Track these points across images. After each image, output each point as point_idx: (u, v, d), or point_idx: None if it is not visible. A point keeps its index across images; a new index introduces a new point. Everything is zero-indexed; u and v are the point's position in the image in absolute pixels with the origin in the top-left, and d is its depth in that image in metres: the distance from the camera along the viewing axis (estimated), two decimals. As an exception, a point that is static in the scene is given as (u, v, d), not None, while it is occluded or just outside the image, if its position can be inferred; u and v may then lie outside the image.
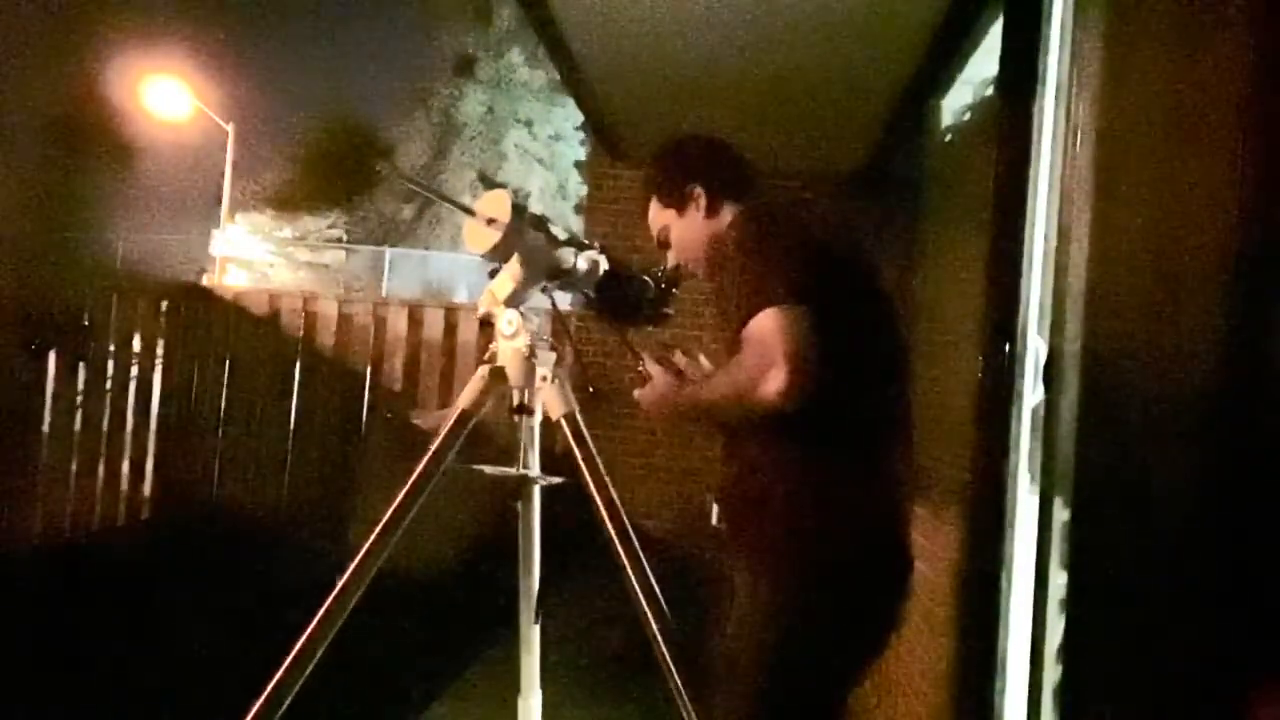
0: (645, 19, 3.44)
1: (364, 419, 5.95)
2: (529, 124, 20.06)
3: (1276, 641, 1.06)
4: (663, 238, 1.91)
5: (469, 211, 1.88)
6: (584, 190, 6.28)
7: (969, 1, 2.82)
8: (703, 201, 1.83)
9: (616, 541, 1.77)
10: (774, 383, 1.50)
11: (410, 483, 1.84)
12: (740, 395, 1.57)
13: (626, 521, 1.79)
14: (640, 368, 1.81)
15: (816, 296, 1.54)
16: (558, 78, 5.44)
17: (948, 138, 3.54)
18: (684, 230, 1.86)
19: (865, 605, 1.63)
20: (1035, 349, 2.04)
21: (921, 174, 3.87)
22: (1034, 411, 2.03)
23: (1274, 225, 1.10)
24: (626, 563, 1.76)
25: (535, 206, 1.92)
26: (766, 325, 1.52)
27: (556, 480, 2.00)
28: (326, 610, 1.79)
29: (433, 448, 1.86)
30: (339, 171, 18.98)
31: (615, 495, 1.81)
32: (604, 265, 1.99)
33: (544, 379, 1.89)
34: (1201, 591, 1.21)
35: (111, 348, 5.12)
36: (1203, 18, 1.34)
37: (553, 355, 1.93)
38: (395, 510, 1.83)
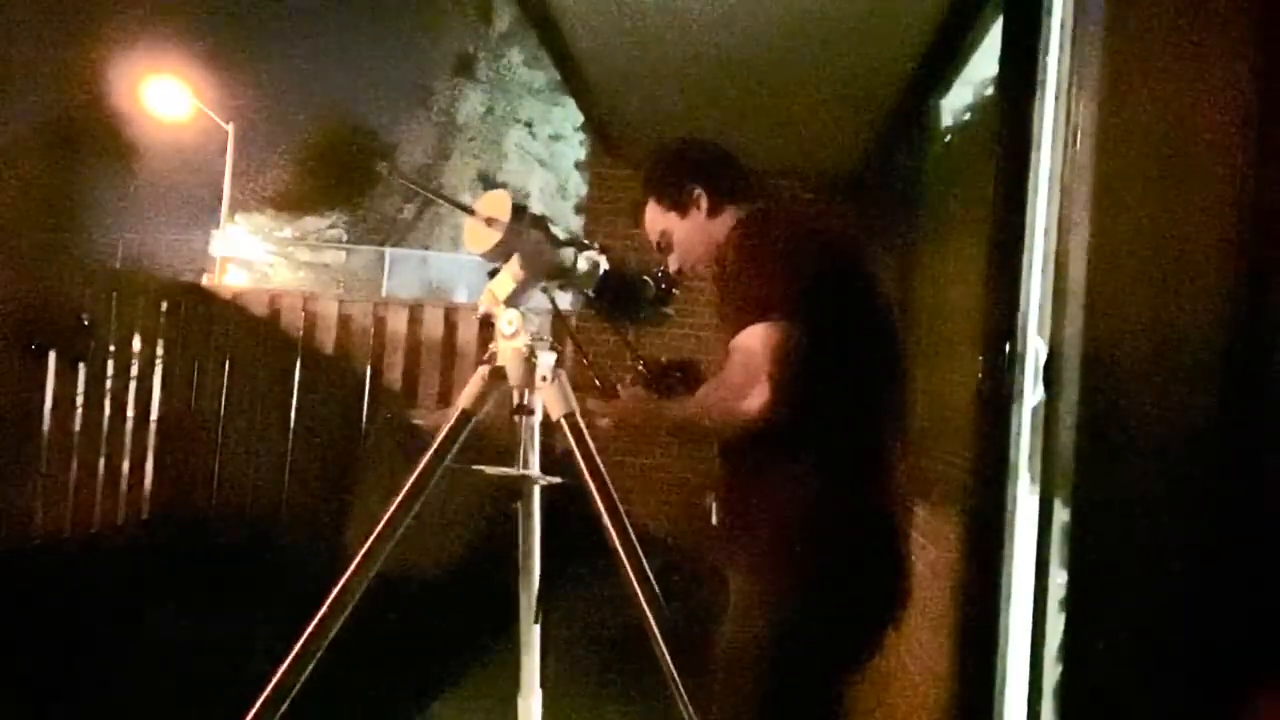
0: (645, 19, 3.44)
1: (364, 419, 5.94)
2: (529, 124, 20.06)
3: (1276, 641, 1.06)
4: (663, 242, 1.90)
5: (469, 211, 1.88)
6: (584, 190, 6.27)
7: (969, 1, 2.82)
8: (704, 203, 1.83)
9: (616, 541, 1.77)
10: (755, 400, 1.51)
11: (410, 483, 1.83)
12: (721, 410, 1.58)
13: (626, 521, 1.79)
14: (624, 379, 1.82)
15: (814, 310, 1.55)
16: (558, 78, 5.44)
17: (948, 138, 3.54)
18: (687, 233, 1.85)
19: (860, 604, 1.63)
20: (1035, 349, 2.04)
21: (921, 174, 3.87)
22: (1034, 411, 2.03)
23: (1273, 225, 1.10)
24: (626, 563, 1.75)
25: (535, 206, 1.92)
26: (754, 341, 1.53)
27: (556, 480, 2.00)
28: (326, 610, 1.79)
29: (433, 448, 1.86)
30: (339, 171, 18.98)
31: (615, 495, 1.81)
32: (604, 265, 1.99)
33: (544, 379, 1.89)
34: (1201, 591, 1.21)
35: (111, 348, 5.12)
36: (1202, 18, 1.34)
37: (553, 355, 1.93)
38: (395, 510, 1.83)
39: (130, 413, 5.27)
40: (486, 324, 1.94)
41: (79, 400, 4.85)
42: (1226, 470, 1.17)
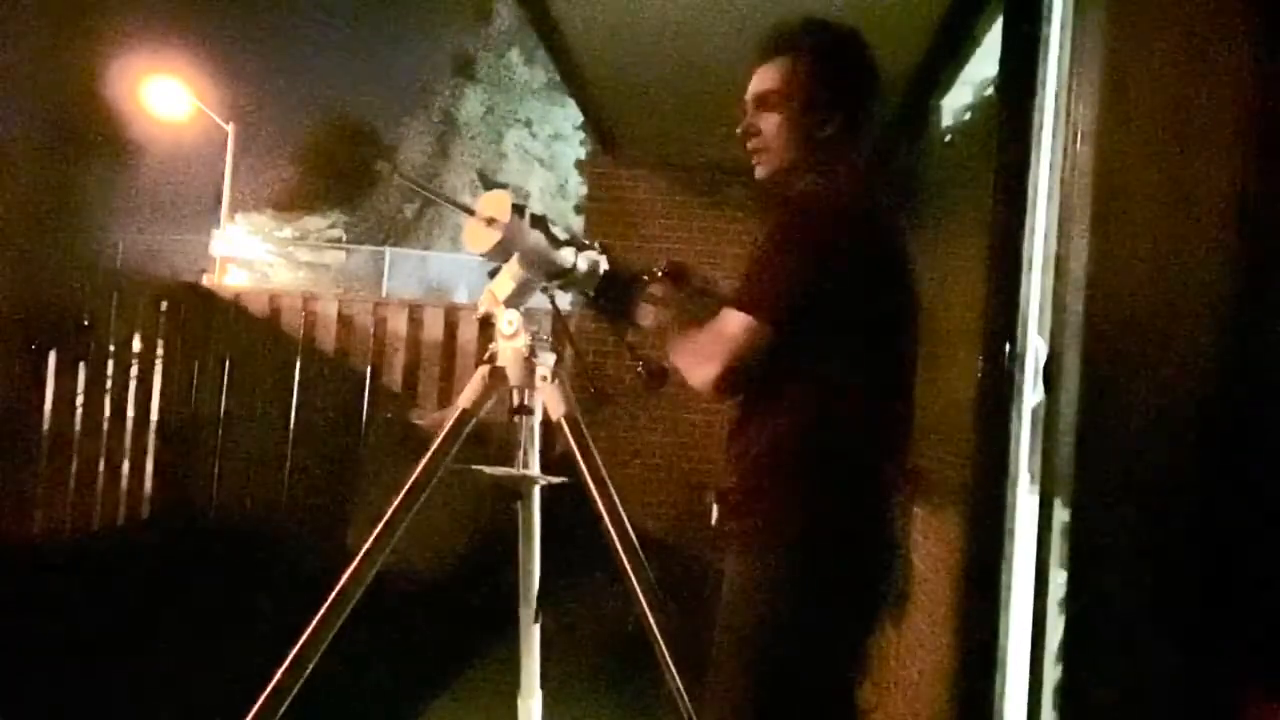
0: (645, 19, 3.44)
1: (364, 419, 5.94)
2: (529, 124, 20.07)
3: (1276, 642, 1.06)
4: (753, 128, 1.86)
5: (469, 211, 1.88)
6: (584, 190, 6.27)
7: (969, 1, 2.82)
8: (836, 125, 1.82)
9: (616, 541, 1.77)
10: (703, 375, 1.57)
11: (410, 483, 1.84)
12: (681, 362, 1.65)
13: (626, 521, 1.79)
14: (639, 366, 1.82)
15: (810, 314, 1.56)
16: (558, 78, 5.44)
17: (948, 138, 3.54)
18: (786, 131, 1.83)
19: (855, 591, 1.63)
20: (1035, 349, 2.04)
21: (921, 174, 3.87)
22: (1034, 411, 2.03)
23: (1275, 225, 1.10)
24: (626, 563, 1.76)
25: (535, 206, 1.92)
26: (733, 326, 1.56)
27: (556, 480, 2.00)
28: (326, 610, 1.79)
29: (433, 448, 1.86)
30: (339, 171, 18.99)
31: (615, 495, 1.81)
32: (604, 265, 1.99)
33: (544, 379, 1.89)
34: (1201, 592, 1.21)
35: (111, 348, 5.12)
36: (1203, 17, 1.34)
37: (553, 355, 1.93)
38: (395, 510, 1.83)
39: (130, 413, 5.28)
40: (486, 324, 1.94)
41: (79, 400, 4.85)
42: (1227, 469, 1.17)
